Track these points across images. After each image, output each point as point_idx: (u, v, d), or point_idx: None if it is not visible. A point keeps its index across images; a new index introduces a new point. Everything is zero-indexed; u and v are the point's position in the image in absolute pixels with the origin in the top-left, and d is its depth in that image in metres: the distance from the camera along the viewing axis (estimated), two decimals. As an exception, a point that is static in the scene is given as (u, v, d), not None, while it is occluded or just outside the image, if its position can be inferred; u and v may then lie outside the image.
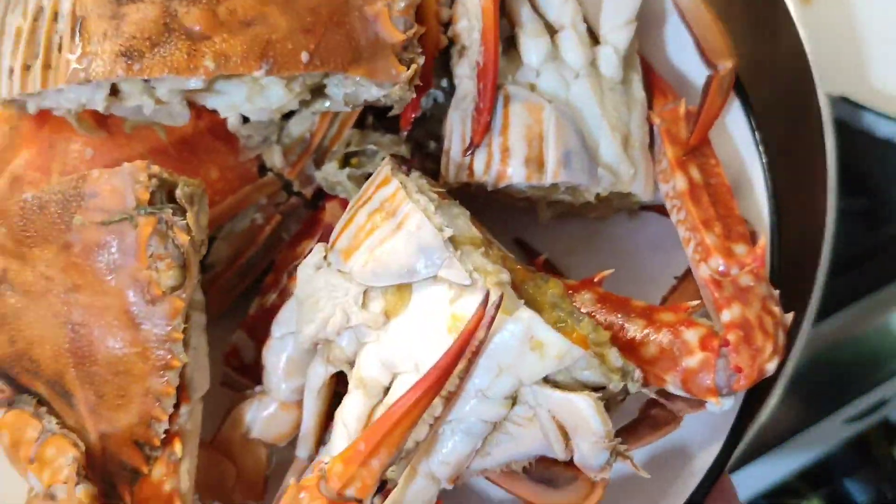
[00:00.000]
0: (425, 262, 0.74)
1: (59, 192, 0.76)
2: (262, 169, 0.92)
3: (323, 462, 0.70)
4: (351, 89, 0.83)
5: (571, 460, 0.76)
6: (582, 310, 0.83)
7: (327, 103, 0.85)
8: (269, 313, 0.89)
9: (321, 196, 0.93)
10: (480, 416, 0.74)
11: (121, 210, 0.74)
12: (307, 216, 0.93)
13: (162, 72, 0.75)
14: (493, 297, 0.69)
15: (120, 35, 0.76)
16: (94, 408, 0.78)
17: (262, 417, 0.87)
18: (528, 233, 1.02)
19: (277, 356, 0.85)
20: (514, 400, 0.74)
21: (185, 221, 0.74)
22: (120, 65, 0.76)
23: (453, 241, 0.74)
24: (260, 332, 0.90)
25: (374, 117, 0.94)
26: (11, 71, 0.81)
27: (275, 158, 0.90)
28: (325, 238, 0.91)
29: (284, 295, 0.89)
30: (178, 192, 0.75)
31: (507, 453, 0.78)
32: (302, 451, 0.87)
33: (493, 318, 0.69)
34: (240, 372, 0.89)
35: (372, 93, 0.82)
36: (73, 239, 0.75)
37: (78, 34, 0.77)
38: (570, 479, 0.82)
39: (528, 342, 0.71)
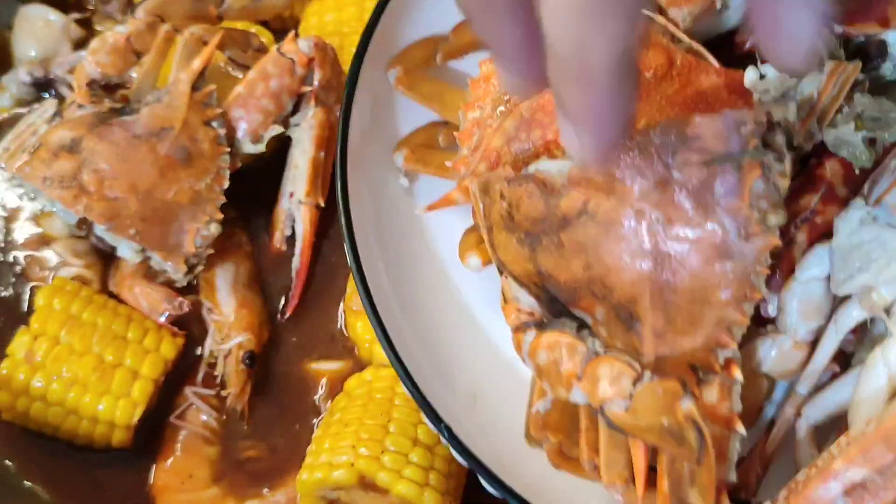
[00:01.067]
0: None
1: (660, 133, 0.83)
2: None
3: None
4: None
5: None
6: None
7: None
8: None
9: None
10: None
11: (724, 153, 0.81)
12: (806, 172, 0.99)
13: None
14: None
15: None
16: (661, 332, 0.85)
17: (774, 355, 0.93)
18: None
19: (799, 299, 0.92)
20: None
21: (783, 167, 0.81)
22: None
23: None
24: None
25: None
26: None
27: (789, 113, 0.96)
28: (827, 194, 0.97)
29: (793, 245, 0.95)
30: (778, 139, 0.81)
31: None
32: (804, 387, 0.94)
33: None
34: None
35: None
36: (672, 177, 0.83)
37: None
38: None
39: None
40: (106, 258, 1.33)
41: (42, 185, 1.19)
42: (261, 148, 1.32)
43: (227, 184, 1.27)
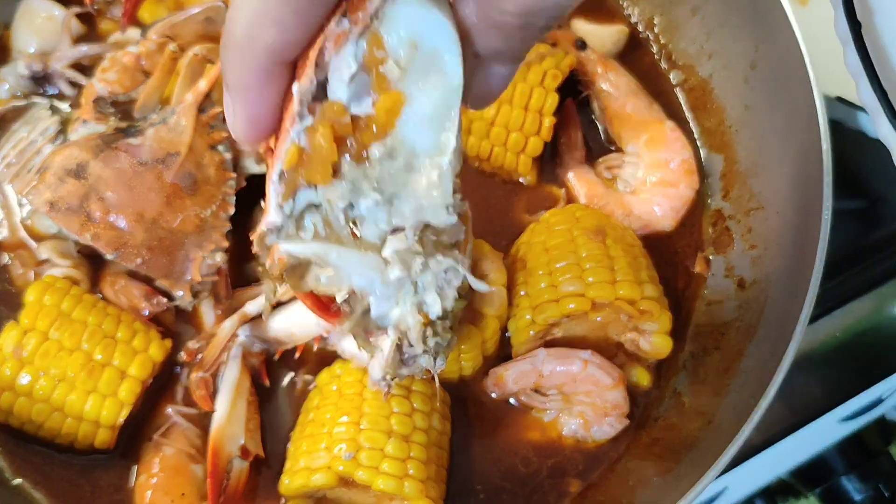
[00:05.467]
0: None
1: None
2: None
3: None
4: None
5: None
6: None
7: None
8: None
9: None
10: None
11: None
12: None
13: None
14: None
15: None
16: None
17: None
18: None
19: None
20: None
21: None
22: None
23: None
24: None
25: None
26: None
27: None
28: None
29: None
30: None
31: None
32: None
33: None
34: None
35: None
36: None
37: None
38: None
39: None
40: (92, 259, 1.31)
41: (49, 211, 1.18)
42: (265, 168, 1.31)
43: (232, 210, 1.26)
